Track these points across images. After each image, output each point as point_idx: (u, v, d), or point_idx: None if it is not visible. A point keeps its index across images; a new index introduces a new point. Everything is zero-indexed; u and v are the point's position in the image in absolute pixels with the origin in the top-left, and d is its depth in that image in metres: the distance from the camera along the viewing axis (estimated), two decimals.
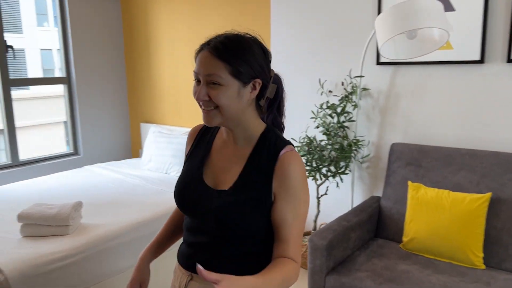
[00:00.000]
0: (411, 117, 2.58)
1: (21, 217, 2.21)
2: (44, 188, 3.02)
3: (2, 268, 1.86)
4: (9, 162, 3.52)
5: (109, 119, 4.19)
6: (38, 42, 9.85)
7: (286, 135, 3.12)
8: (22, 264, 1.90)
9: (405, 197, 2.38)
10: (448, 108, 2.45)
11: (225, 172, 1.10)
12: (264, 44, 1.11)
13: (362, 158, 2.79)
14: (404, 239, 2.26)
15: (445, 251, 2.11)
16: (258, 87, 1.06)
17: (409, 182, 2.32)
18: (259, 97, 1.09)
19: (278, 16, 3.03)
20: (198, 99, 1.02)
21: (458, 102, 2.41)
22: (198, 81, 1.04)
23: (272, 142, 1.08)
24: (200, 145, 1.18)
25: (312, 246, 2.06)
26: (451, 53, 2.36)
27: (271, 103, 1.14)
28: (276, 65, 3.10)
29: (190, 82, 3.74)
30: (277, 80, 1.13)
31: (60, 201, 2.72)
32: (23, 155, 3.67)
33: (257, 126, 1.10)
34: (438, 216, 2.14)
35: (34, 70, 9.50)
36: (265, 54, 1.10)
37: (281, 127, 1.17)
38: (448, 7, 2.32)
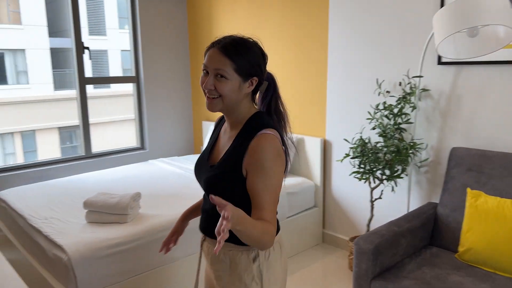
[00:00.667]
0: (474, 120, 2.42)
1: (86, 204, 2.41)
2: (111, 179, 3.27)
3: (66, 249, 2.05)
4: (83, 154, 3.84)
5: (174, 116, 4.41)
6: (119, 43, 10.55)
7: (340, 135, 3.08)
8: (84, 247, 2.08)
9: (464, 205, 2.24)
10: None
11: (219, 151, 1.34)
12: (263, 48, 1.31)
13: (420, 162, 2.67)
14: (460, 249, 2.13)
15: (505, 265, 1.96)
16: (254, 84, 1.27)
17: (468, 189, 2.18)
18: (254, 91, 1.31)
19: (336, 15, 2.99)
20: (205, 88, 1.22)
21: None
22: (206, 72, 1.24)
23: (253, 125, 1.27)
24: (214, 132, 1.44)
25: (358, 249, 2.02)
26: None
27: (264, 96, 1.35)
28: (333, 64, 3.07)
29: None
30: (270, 79, 1.35)
31: (123, 191, 2.93)
32: (98, 149, 3.99)
33: (248, 114, 1.30)
34: (499, 227, 1.99)
35: (115, 70, 10.20)
36: (263, 57, 1.29)
37: (283, 116, 1.36)
38: None
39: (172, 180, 3.21)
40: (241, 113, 1.30)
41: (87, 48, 3.78)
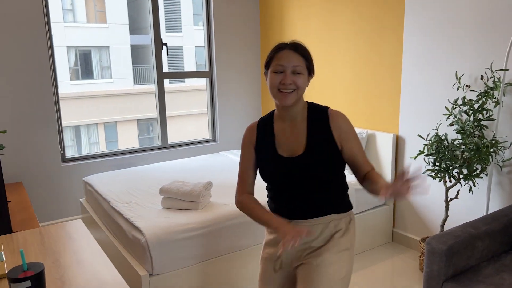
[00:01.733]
0: None
1: (162, 191, 2.57)
2: (185, 168, 3.44)
3: (144, 232, 2.20)
4: (160, 145, 4.08)
5: (244, 111, 4.51)
6: (194, 40, 10.96)
7: (414, 131, 2.96)
8: (159, 231, 2.23)
9: None
10: None
11: (294, 142, 1.47)
12: None
13: (503, 161, 2.49)
14: None
15: None
16: (311, 79, 1.49)
17: None
18: None
19: (413, 4, 2.86)
20: (285, 83, 1.40)
21: None
22: (279, 72, 1.41)
23: (317, 109, 1.50)
24: (264, 136, 1.54)
25: (430, 249, 1.94)
26: None
27: None
28: (408, 56, 2.95)
29: (318, 79, 3.79)
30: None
31: (195, 180, 3.07)
32: (173, 140, 4.21)
33: (304, 103, 1.52)
34: None
35: (189, 65, 10.63)
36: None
37: None
38: None
39: None
40: (301, 103, 1.50)
41: (165, 44, 3.99)
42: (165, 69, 4.02)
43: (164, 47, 3.99)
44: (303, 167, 1.43)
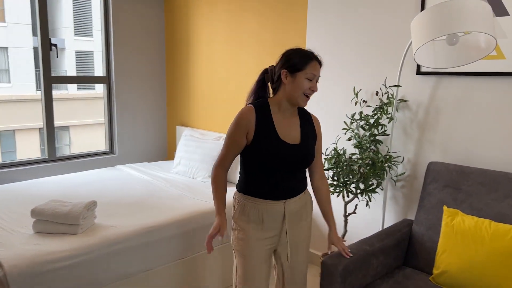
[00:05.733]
0: (453, 134, 2.30)
1: (34, 213, 2.21)
2: (71, 184, 3.06)
3: (3, 264, 1.84)
4: (46, 157, 3.62)
5: (147, 120, 4.22)
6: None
7: None
8: (24, 261, 1.88)
9: (440, 223, 2.11)
10: (496, 126, 2.15)
11: (291, 133, 1.76)
12: None
13: (396, 176, 2.53)
14: (435, 271, 1.99)
15: None
16: None
17: (445, 207, 2.04)
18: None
19: (315, 20, 2.86)
20: (313, 91, 1.71)
21: (508, 119, 2.10)
22: (310, 80, 1.69)
23: (303, 111, 1.85)
24: (263, 124, 1.72)
25: (325, 269, 1.86)
26: (503, 64, 2.07)
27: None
28: None
29: (225, 86, 3.65)
30: None
31: (80, 199, 2.73)
32: (72, 151, 3.76)
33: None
34: (475, 249, 1.85)
35: (100, 71, 10.04)
36: None
37: None
38: (501, 11, 2.04)
39: (137, 188, 3.02)
40: None
41: (55, 45, 3.58)
42: (74, 74, 3.60)
43: (54, 48, 3.57)
44: (302, 153, 1.75)
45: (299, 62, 1.67)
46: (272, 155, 1.69)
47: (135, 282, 2.25)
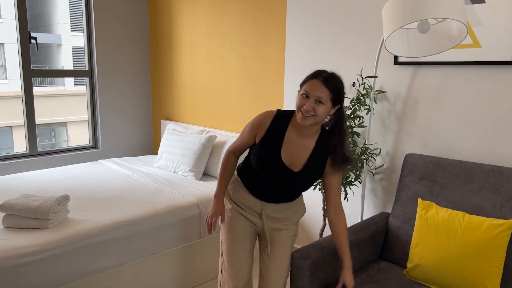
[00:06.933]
0: (432, 125, 2.25)
1: (3, 207, 2.17)
2: (49, 179, 3.02)
3: None
4: (27, 152, 3.58)
5: (132, 114, 4.17)
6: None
7: None
8: None
9: (415, 216, 2.07)
10: (473, 116, 2.10)
11: (297, 157, 1.70)
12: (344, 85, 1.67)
13: (375, 169, 2.49)
14: (409, 265, 1.96)
15: (454, 285, 1.79)
16: (336, 108, 1.67)
17: (419, 200, 2.01)
18: None
19: (294, 12, 2.80)
20: (306, 110, 1.59)
21: (485, 110, 2.06)
22: (306, 96, 1.61)
23: (327, 136, 1.73)
24: (273, 133, 1.72)
25: (294, 264, 1.82)
26: (479, 52, 2.02)
27: (333, 115, 1.72)
28: (290, 63, 2.88)
29: (208, 79, 3.60)
30: (341, 108, 1.70)
31: (58, 193, 2.69)
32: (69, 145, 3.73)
33: (319, 127, 1.72)
34: (448, 242, 1.82)
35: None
36: (344, 91, 1.67)
37: (346, 134, 1.73)
38: None
39: (116, 182, 2.98)
40: (317, 126, 1.69)
41: (34, 38, 3.53)
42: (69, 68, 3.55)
43: (33, 41, 3.52)
44: (296, 182, 1.73)
45: (304, 79, 1.67)
46: (264, 167, 1.73)
47: (107, 277, 2.22)
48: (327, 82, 1.60)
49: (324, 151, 1.71)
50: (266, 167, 1.73)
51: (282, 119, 1.74)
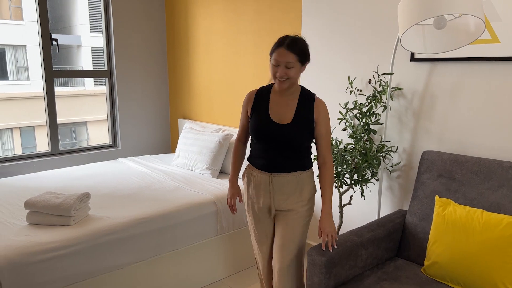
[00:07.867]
0: (449, 122, 2.23)
1: (27, 205, 2.24)
2: (71, 177, 3.10)
3: None
4: (49, 151, 3.67)
5: (150, 113, 4.23)
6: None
7: None
8: (14, 252, 1.91)
9: (433, 213, 2.05)
10: (491, 113, 2.07)
11: (284, 113, 1.86)
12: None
13: (392, 166, 2.48)
14: (426, 262, 1.95)
15: (472, 282, 1.77)
16: (306, 66, 1.85)
17: (437, 197, 1.99)
18: None
19: (309, 9, 2.80)
20: (279, 76, 1.78)
21: (504, 106, 2.02)
22: (277, 65, 1.78)
23: (307, 93, 1.90)
24: (260, 102, 1.92)
25: (310, 260, 1.83)
26: (498, 48, 1.99)
27: None
28: None
29: (223, 78, 3.63)
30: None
31: (79, 191, 2.76)
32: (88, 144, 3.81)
33: (298, 86, 1.91)
34: (466, 239, 1.80)
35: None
36: (308, 49, 1.83)
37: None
38: None
39: (135, 180, 3.04)
40: (295, 86, 1.88)
41: (56, 40, 3.61)
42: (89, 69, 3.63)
43: (54, 42, 3.61)
44: (289, 133, 1.83)
45: (271, 49, 1.81)
46: (259, 131, 1.88)
47: (126, 273, 2.27)
48: (291, 47, 1.75)
49: (308, 103, 1.87)
50: (260, 129, 1.87)
51: (264, 90, 1.95)
